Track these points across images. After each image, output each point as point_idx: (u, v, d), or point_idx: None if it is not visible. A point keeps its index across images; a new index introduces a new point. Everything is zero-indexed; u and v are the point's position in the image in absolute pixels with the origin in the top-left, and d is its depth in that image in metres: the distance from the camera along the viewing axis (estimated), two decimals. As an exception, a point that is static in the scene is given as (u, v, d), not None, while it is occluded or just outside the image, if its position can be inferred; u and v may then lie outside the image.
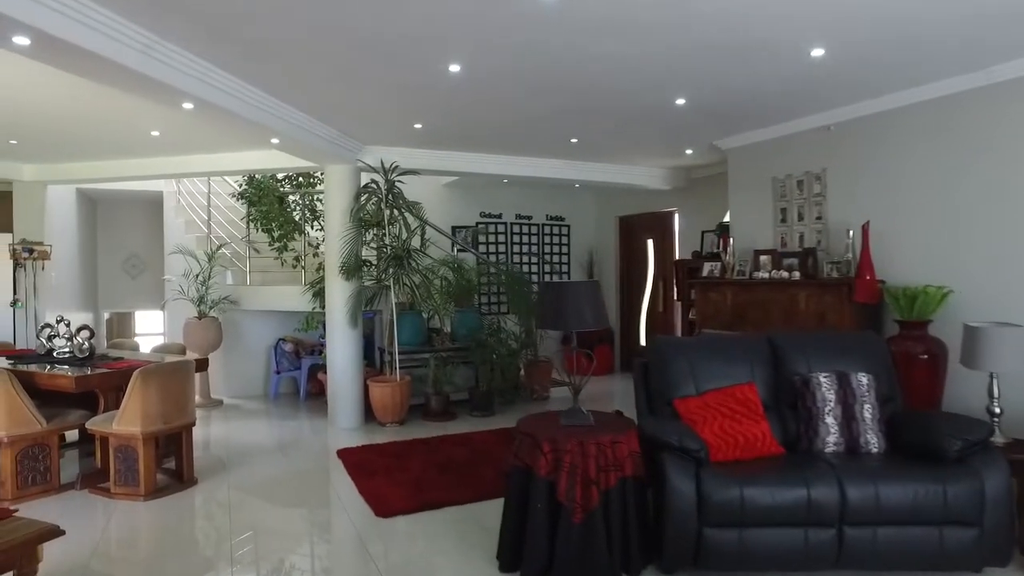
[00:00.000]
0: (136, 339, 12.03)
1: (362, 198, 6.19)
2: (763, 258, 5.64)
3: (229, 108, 4.16)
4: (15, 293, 7.65)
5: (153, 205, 9.53)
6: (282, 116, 4.75)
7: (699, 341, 4.52)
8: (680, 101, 4.80)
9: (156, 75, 3.50)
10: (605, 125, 5.59)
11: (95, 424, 4.35)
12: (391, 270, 6.08)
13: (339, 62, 3.95)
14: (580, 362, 3.67)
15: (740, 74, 4.24)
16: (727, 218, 6.61)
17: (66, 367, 4.60)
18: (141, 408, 4.18)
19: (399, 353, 6.21)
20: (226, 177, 8.18)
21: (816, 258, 5.34)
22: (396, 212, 6.19)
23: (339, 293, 6.12)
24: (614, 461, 2.92)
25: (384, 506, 4.06)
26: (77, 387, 4.18)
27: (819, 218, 5.45)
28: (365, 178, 6.35)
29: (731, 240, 6.20)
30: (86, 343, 4.89)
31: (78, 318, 9.27)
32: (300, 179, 7.50)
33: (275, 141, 5.10)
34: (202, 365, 4.94)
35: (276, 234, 7.22)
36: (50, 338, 5.08)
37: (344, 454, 5.17)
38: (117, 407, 4.42)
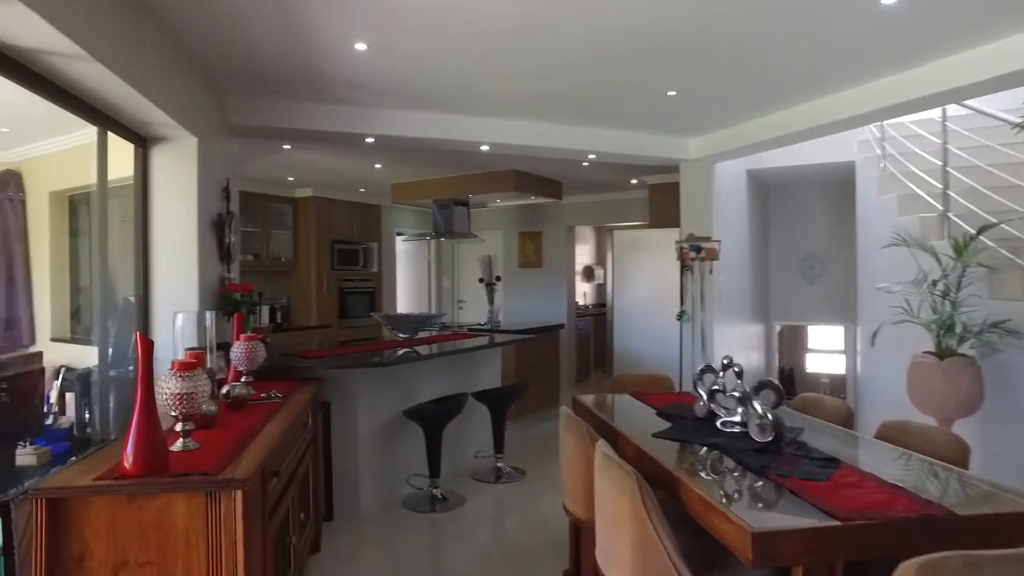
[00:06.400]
0: (808, 356, 9.84)
1: None
2: None
3: None
4: (682, 303, 6.18)
5: (838, 185, 6.98)
6: None
7: None
8: None
9: None
10: None
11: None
12: None
13: None
14: None
15: None
16: None
17: (731, 468, 2.29)
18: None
19: None
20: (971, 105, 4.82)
21: None
22: None
23: None
24: None
25: None
26: (756, 560, 1.74)
27: None
28: None
29: None
30: (768, 415, 2.50)
31: (748, 332, 7.45)
32: None
33: None
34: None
35: None
36: (712, 393, 2.92)
37: None
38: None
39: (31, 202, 5.75)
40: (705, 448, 2.57)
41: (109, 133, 3.38)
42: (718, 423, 2.78)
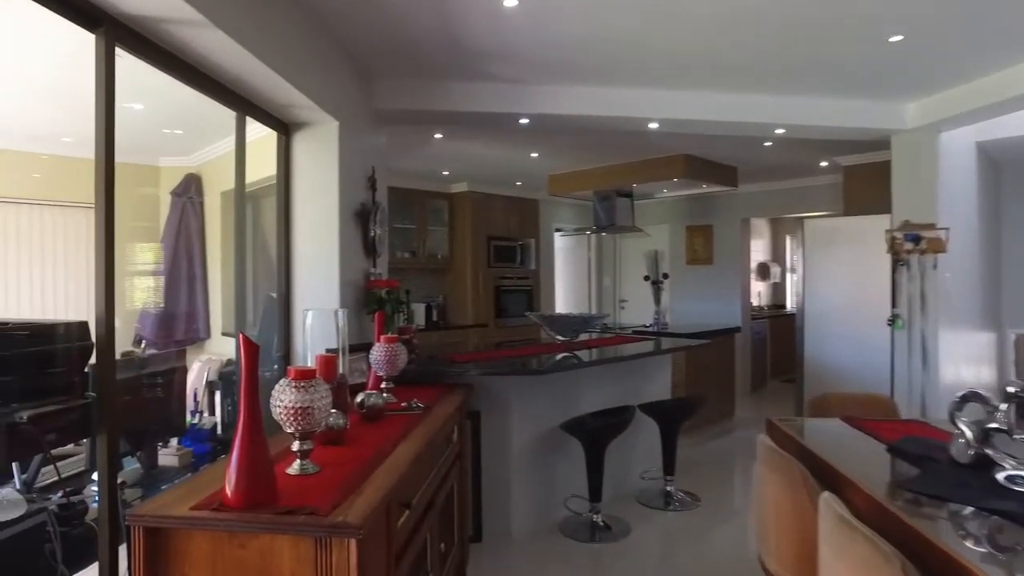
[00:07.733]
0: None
1: None
2: None
3: None
4: (894, 305, 5.12)
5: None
6: None
7: None
8: None
9: None
10: None
11: None
12: None
13: None
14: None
15: None
16: None
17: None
18: None
19: None
20: None
21: None
22: None
23: None
24: None
25: None
26: None
27: None
28: None
29: None
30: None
31: (976, 341, 6.16)
32: None
33: None
34: None
35: None
36: (986, 434, 2.10)
37: None
38: None
39: (207, 202, 5.93)
40: (971, 509, 1.79)
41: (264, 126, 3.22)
42: (1000, 476, 1.96)
